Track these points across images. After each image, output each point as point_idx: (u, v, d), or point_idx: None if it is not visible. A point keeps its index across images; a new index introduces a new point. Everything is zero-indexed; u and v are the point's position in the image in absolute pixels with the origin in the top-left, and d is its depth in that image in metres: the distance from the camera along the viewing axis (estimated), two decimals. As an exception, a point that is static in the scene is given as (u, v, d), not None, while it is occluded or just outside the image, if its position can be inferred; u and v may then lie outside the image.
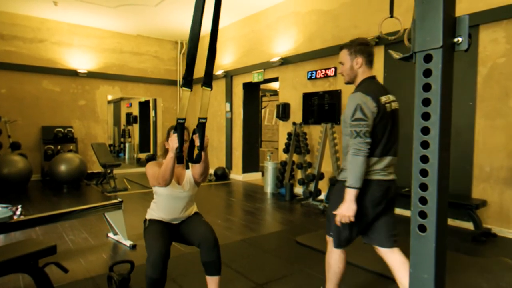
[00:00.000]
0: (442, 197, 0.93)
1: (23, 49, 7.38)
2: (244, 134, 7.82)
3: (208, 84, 1.69)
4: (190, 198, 2.29)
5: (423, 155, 0.93)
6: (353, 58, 2.10)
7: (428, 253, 0.94)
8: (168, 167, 1.98)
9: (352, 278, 2.75)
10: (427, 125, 0.92)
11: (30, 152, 7.36)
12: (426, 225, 0.94)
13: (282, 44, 6.62)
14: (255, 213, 4.93)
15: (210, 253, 2.09)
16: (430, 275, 0.94)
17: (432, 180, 0.92)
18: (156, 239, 2.04)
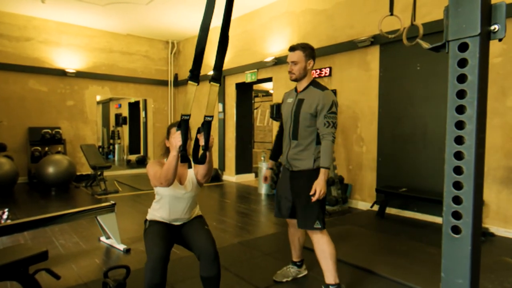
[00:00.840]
0: (478, 196, 0.87)
1: (9, 48, 7.15)
2: (237, 135, 7.73)
3: (217, 79, 1.61)
4: (192, 199, 2.19)
5: (457, 151, 0.87)
6: (307, 60, 2.42)
7: (463, 257, 0.87)
8: (171, 166, 1.88)
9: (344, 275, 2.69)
10: (462, 119, 0.85)
11: (16, 154, 7.12)
12: (460, 226, 0.87)
13: (276, 44, 6.57)
14: (251, 215, 4.84)
15: (210, 268, 1.98)
16: (465, 280, 0.87)
17: (468, 178, 0.85)
18: (156, 242, 1.94)
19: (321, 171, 2.25)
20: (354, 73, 5.27)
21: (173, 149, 1.86)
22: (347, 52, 5.33)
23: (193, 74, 1.55)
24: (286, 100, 2.58)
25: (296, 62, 2.40)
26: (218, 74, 1.61)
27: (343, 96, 5.41)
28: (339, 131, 5.46)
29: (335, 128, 2.31)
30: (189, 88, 1.56)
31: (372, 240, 3.74)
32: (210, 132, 1.76)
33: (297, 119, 2.39)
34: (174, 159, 1.87)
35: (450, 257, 0.90)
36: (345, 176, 5.36)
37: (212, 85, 1.60)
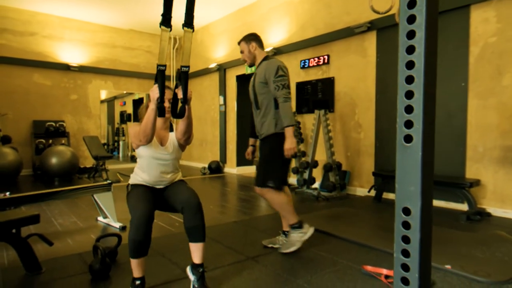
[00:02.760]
0: (429, 103, 0.89)
1: (13, 42, 7.30)
2: (238, 127, 7.77)
3: (189, 24, 1.62)
4: (173, 162, 2.19)
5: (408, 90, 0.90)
6: (249, 44, 2.79)
7: (414, 165, 0.89)
8: (149, 120, 1.88)
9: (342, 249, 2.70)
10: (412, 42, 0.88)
11: (21, 146, 7.25)
12: (412, 134, 0.89)
13: (275, 35, 6.61)
14: (250, 200, 4.87)
15: (193, 217, 1.98)
16: (417, 187, 0.89)
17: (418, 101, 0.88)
18: (139, 202, 1.95)
19: (285, 130, 2.55)
20: (352, 60, 5.27)
21: (151, 102, 1.86)
22: (345, 39, 5.34)
23: (165, 18, 1.56)
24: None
25: (242, 50, 2.83)
26: (190, 18, 1.62)
27: (341, 83, 5.42)
28: (337, 118, 5.47)
29: (286, 89, 2.58)
30: (162, 34, 1.58)
31: (367, 219, 3.74)
32: (188, 84, 1.79)
33: (254, 90, 2.73)
34: (152, 113, 1.86)
35: (403, 166, 0.92)
36: (343, 163, 5.36)
37: (186, 31, 1.62)
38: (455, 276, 2.20)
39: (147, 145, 2.05)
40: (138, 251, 1.86)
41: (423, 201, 0.90)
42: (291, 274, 2.27)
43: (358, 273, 2.28)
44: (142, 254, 1.88)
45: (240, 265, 2.43)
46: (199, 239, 2.01)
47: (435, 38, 0.90)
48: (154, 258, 2.55)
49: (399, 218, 0.94)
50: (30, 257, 2.25)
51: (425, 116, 0.89)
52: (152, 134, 1.94)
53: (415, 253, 0.91)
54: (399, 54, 0.93)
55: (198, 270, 2.01)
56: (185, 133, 2.10)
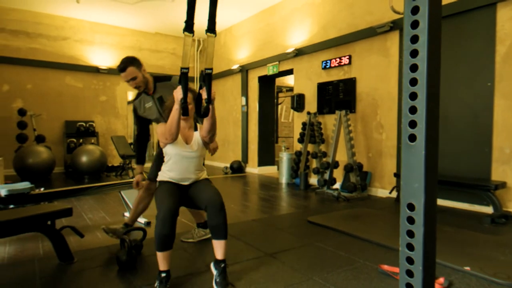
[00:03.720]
0: (432, 104, 0.93)
1: (47, 47, 7.72)
2: (260, 128, 7.86)
3: (212, 29, 1.72)
4: (199, 160, 2.31)
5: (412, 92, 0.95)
6: (140, 69, 2.64)
7: (418, 163, 0.94)
8: (174, 119, 2.01)
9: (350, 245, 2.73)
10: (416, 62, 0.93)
11: (54, 145, 7.66)
12: (416, 134, 0.94)
13: (297, 36, 6.65)
14: (269, 200, 4.94)
15: (216, 216, 2.09)
16: (420, 184, 0.94)
17: (421, 101, 0.92)
18: (165, 197, 2.09)
19: None
20: (374, 60, 5.24)
21: (175, 102, 1.98)
22: (367, 39, 5.32)
23: (187, 25, 1.66)
24: (144, 106, 2.79)
25: (134, 77, 2.60)
26: (212, 23, 1.70)
27: (363, 84, 5.39)
28: (359, 118, 5.45)
29: None
30: (185, 39, 1.68)
31: (387, 220, 3.72)
32: (211, 85, 1.89)
33: (161, 114, 2.74)
34: (177, 112, 1.99)
35: (407, 164, 0.97)
36: (364, 164, 5.33)
37: (209, 36, 1.72)
38: (474, 277, 2.18)
39: (173, 143, 2.19)
40: (164, 244, 1.98)
41: (426, 197, 0.94)
42: (307, 270, 2.33)
43: (375, 272, 2.31)
44: (168, 248, 2.00)
45: (258, 261, 2.51)
46: (222, 236, 2.11)
47: (438, 42, 0.95)
48: (177, 252, 2.67)
49: (404, 213, 0.99)
50: (64, 248, 2.42)
51: (428, 116, 0.94)
52: (177, 132, 2.07)
53: (419, 246, 0.96)
54: (404, 58, 0.98)
55: (220, 265, 2.10)
56: (210, 131, 2.21)
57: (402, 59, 4.88)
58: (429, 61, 0.93)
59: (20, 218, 2.10)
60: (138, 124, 2.89)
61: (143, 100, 2.78)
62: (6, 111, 7.32)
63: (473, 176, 4.06)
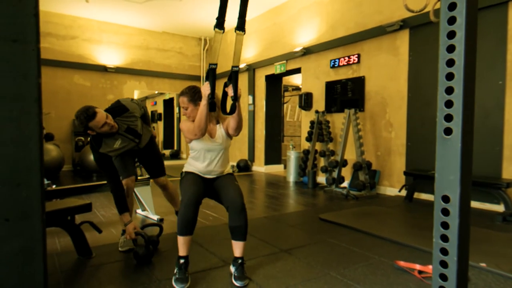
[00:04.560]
0: (467, 99, 0.95)
1: (56, 46, 7.77)
2: (267, 126, 7.88)
3: (241, 28, 1.74)
4: (224, 151, 2.32)
5: (448, 73, 0.96)
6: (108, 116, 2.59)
7: (454, 155, 0.96)
8: (203, 115, 2.04)
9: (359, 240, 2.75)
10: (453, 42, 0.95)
11: (62, 143, 7.72)
12: (452, 127, 0.96)
13: (305, 34, 6.66)
14: (278, 197, 4.96)
15: (237, 218, 2.12)
16: (456, 176, 0.96)
17: (458, 92, 0.94)
18: (190, 185, 2.15)
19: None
20: (383, 59, 5.25)
21: (203, 98, 2.00)
22: (376, 38, 5.32)
23: (219, 22, 1.69)
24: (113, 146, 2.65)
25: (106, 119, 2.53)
26: (242, 22, 1.73)
27: (372, 83, 5.40)
28: (367, 117, 5.46)
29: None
30: (216, 36, 1.71)
31: (398, 217, 3.74)
32: (238, 82, 1.91)
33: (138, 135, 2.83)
34: (205, 108, 2.01)
35: (443, 157, 0.99)
36: (373, 162, 5.34)
37: (238, 34, 1.75)
38: (490, 274, 2.20)
39: (199, 139, 2.21)
40: (186, 228, 2.04)
41: (462, 189, 0.96)
42: (324, 266, 2.35)
43: (391, 268, 2.32)
44: (189, 232, 2.06)
45: (274, 256, 2.53)
46: (241, 238, 2.16)
47: (475, 37, 0.97)
48: (193, 248, 2.70)
49: (438, 205, 1.01)
50: (83, 243, 2.45)
51: (465, 110, 0.96)
52: (205, 127, 2.10)
53: (454, 237, 0.98)
54: (440, 53, 1.00)
55: (238, 261, 2.15)
56: (237, 129, 2.22)
57: (412, 58, 4.90)
58: (466, 56, 0.95)
59: (42, 212, 2.13)
60: (109, 172, 2.63)
61: (109, 143, 2.63)
62: (15, 109, 7.37)
63: (484, 174, 4.06)
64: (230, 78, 1.92)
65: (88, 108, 2.51)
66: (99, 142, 2.61)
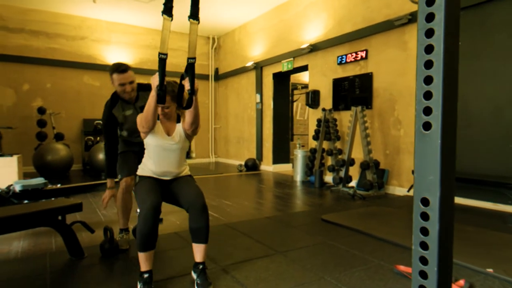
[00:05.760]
0: (449, 89, 0.85)
1: (66, 46, 7.87)
2: (274, 125, 7.78)
3: (194, 16, 1.64)
4: (180, 152, 2.17)
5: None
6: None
7: (433, 153, 0.85)
8: (150, 106, 1.90)
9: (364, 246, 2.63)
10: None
11: (72, 143, 7.81)
12: (431, 121, 0.86)
13: (312, 31, 6.53)
14: (283, 197, 4.86)
15: (198, 219, 1.98)
16: (436, 177, 0.85)
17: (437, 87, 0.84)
18: (147, 194, 1.96)
19: None
20: (391, 54, 5.08)
21: (152, 89, 1.88)
22: (384, 32, 5.16)
23: (166, 7, 1.59)
24: (123, 113, 2.66)
25: (132, 81, 2.56)
26: (195, 10, 1.63)
27: (380, 79, 5.24)
28: (376, 114, 5.30)
29: None
30: (164, 23, 1.62)
31: (404, 218, 3.59)
32: (195, 75, 1.82)
33: None
34: (153, 99, 1.88)
35: (421, 155, 0.88)
36: (381, 161, 5.18)
37: (191, 22, 1.64)
38: (497, 280, 2.05)
39: (154, 134, 2.08)
40: (146, 244, 1.89)
41: (442, 191, 0.86)
42: (319, 270, 2.25)
43: (390, 272, 2.20)
44: (150, 247, 1.91)
45: (269, 259, 2.44)
46: (202, 240, 2.02)
47: (457, 19, 0.86)
48: (161, 255, 2.64)
49: (418, 209, 0.90)
50: (74, 243, 2.42)
51: (445, 102, 0.85)
52: (153, 120, 1.96)
53: (434, 245, 0.88)
54: (418, 38, 0.90)
55: (199, 267, 2.01)
56: (192, 124, 2.08)
57: (421, 53, 4.72)
58: (446, 40, 0.85)
59: (29, 212, 2.11)
60: (110, 133, 2.67)
61: (122, 108, 2.66)
62: (27, 109, 7.51)
63: (497, 173, 3.86)
64: (187, 71, 1.83)
65: (124, 64, 2.59)
66: (115, 102, 2.66)
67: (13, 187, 2.88)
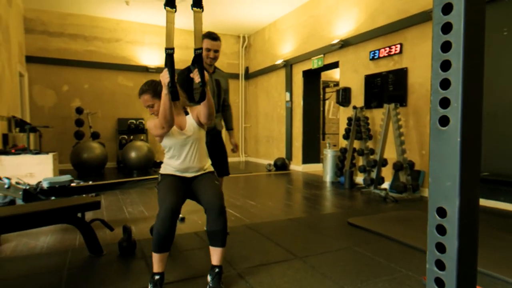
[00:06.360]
0: (472, 76, 0.70)
1: (102, 49, 8.17)
2: (304, 124, 7.60)
3: (198, 3, 1.55)
4: (199, 143, 2.12)
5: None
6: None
7: (451, 154, 0.71)
8: (166, 106, 1.83)
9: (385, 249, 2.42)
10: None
11: (108, 141, 8.10)
12: (448, 115, 0.71)
13: (342, 26, 6.28)
14: (311, 198, 4.70)
15: (215, 222, 1.92)
16: (454, 182, 0.70)
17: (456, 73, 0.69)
18: (167, 194, 1.92)
19: (234, 132, 3.30)
20: (428, 48, 4.74)
21: (163, 87, 1.81)
22: (420, 24, 4.83)
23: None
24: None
25: (218, 50, 2.85)
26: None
27: (415, 74, 4.92)
28: (410, 112, 4.98)
29: None
30: (168, 16, 1.54)
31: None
32: (203, 66, 1.73)
33: (219, 95, 2.99)
34: (167, 97, 1.81)
35: (437, 156, 0.73)
36: (417, 162, 4.86)
37: (195, 11, 1.56)
38: None
39: (169, 135, 2.03)
40: (162, 245, 1.86)
41: (462, 199, 0.71)
42: (339, 278, 2.10)
43: (418, 284, 2.01)
44: (165, 249, 1.88)
45: (286, 264, 2.32)
46: (219, 244, 1.96)
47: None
48: (176, 255, 2.59)
49: (433, 220, 0.76)
50: (93, 240, 2.44)
51: (466, 92, 0.70)
52: (172, 118, 1.89)
53: (452, 265, 0.73)
54: (433, 16, 0.76)
55: (214, 270, 1.96)
56: (209, 115, 2.00)
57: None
58: (467, 13, 0.70)
59: (47, 210, 2.15)
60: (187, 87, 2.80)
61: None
62: (66, 110, 7.89)
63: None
64: (194, 63, 1.73)
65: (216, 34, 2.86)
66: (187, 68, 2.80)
67: (41, 184, 2.98)
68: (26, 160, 4.58)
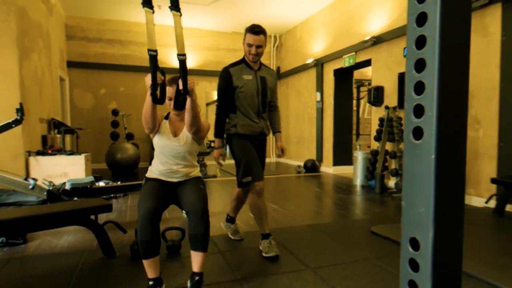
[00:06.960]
0: (450, 78, 0.56)
1: (137, 52, 8.45)
2: (335, 124, 7.35)
3: (175, 6, 1.49)
4: (186, 154, 2.09)
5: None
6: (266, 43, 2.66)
7: (425, 172, 0.57)
8: (147, 107, 1.86)
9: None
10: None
11: (141, 142, 8.36)
12: (422, 126, 0.58)
13: (374, 22, 5.98)
14: (336, 203, 4.51)
15: (197, 225, 1.87)
16: (428, 208, 0.57)
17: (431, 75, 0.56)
18: (145, 199, 1.90)
19: (280, 134, 2.93)
20: (468, 42, 4.36)
21: (147, 89, 1.79)
22: (459, 17, 4.45)
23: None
24: (242, 76, 2.63)
25: (261, 45, 2.59)
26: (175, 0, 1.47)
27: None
28: (448, 112, 4.61)
29: None
30: (147, 16, 1.48)
31: (481, 238, 3.01)
32: (187, 72, 1.66)
33: (265, 94, 2.68)
34: (148, 99, 1.81)
35: (410, 175, 0.60)
36: (454, 166, 4.49)
37: (174, 14, 1.50)
38: None
39: (160, 134, 2.04)
40: (147, 251, 1.84)
41: (437, 229, 0.58)
42: (351, 294, 1.95)
43: (439, 306, 1.80)
44: (152, 254, 1.85)
45: (295, 275, 2.20)
46: (200, 248, 1.91)
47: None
48: (170, 259, 2.53)
49: (405, 253, 0.64)
50: (106, 242, 2.48)
51: (443, 98, 0.57)
52: (152, 121, 1.90)
53: (427, 310, 0.60)
54: (408, 5, 0.63)
55: (194, 278, 1.91)
56: (192, 126, 1.97)
57: (506, 38, 3.96)
58: (444, 5, 0.57)
59: (60, 212, 2.20)
60: (224, 93, 2.68)
61: (243, 71, 2.67)
62: (103, 111, 8.25)
63: None
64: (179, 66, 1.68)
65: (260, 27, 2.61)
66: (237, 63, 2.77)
67: (64, 185, 3.09)
68: (60, 161, 4.82)
